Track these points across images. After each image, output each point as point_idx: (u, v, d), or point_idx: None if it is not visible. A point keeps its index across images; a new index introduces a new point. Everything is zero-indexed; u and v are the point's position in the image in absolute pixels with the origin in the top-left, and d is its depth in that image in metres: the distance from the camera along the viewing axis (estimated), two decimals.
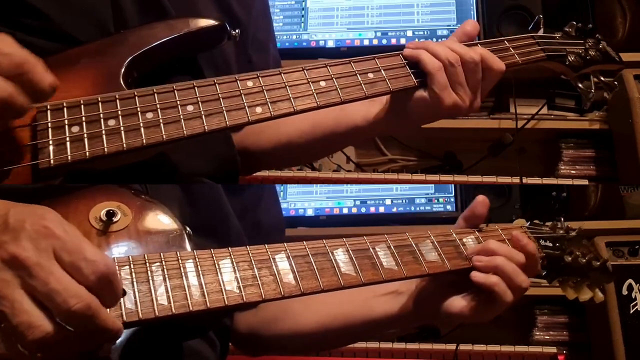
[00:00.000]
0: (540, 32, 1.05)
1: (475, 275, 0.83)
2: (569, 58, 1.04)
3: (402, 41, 2.13)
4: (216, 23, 0.90)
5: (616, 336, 1.85)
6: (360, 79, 0.88)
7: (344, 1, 2.19)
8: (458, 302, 0.85)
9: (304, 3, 2.20)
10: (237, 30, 0.92)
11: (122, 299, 0.64)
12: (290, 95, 0.84)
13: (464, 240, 0.88)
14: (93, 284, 0.58)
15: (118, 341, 0.64)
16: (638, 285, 1.88)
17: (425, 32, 2.14)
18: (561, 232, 0.97)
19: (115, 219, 0.74)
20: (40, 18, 0.82)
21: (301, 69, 0.86)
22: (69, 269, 0.58)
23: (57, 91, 0.68)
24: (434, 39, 2.12)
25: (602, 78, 1.07)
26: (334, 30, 2.17)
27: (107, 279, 0.59)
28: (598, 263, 0.94)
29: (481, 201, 0.92)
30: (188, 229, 0.78)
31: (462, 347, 1.89)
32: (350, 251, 0.80)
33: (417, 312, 0.90)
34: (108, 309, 0.60)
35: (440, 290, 0.87)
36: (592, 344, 2.04)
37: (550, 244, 0.93)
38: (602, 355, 1.94)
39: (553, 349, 1.89)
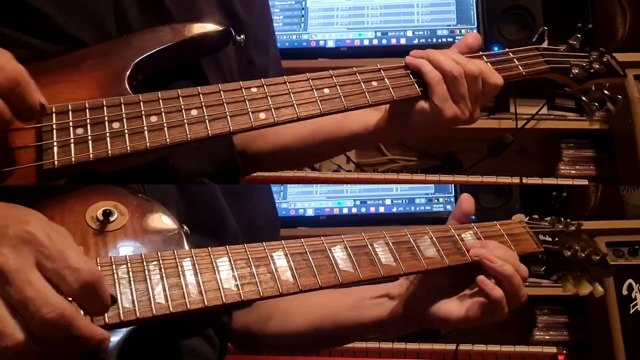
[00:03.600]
0: (545, 44, 1.05)
1: (484, 282, 0.82)
2: (573, 71, 1.03)
3: (402, 41, 2.12)
4: (221, 28, 0.90)
5: (616, 336, 1.85)
6: (364, 87, 0.88)
7: (344, 1, 2.19)
8: (453, 307, 0.84)
9: (304, 3, 2.20)
10: (242, 36, 0.92)
11: (119, 299, 0.64)
12: (294, 102, 0.84)
13: (462, 235, 0.87)
14: (76, 293, 0.56)
15: (116, 340, 0.64)
16: (638, 285, 1.87)
17: (425, 32, 2.14)
18: (560, 227, 0.96)
19: (112, 219, 0.74)
20: (42, 19, 0.82)
21: (306, 77, 0.87)
22: (51, 277, 0.56)
23: (62, 93, 0.69)
24: (434, 39, 2.12)
25: (606, 92, 1.06)
26: (334, 30, 2.17)
27: (91, 287, 0.57)
28: (597, 257, 0.93)
29: (466, 198, 0.91)
30: (185, 227, 0.78)
31: (462, 347, 1.89)
32: (348, 248, 0.79)
33: (407, 316, 0.89)
34: (99, 315, 0.59)
35: (431, 295, 0.86)
36: (592, 344, 2.04)
37: (549, 239, 0.93)
38: (602, 355, 1.94)
39: (553, 349, 1.88)
